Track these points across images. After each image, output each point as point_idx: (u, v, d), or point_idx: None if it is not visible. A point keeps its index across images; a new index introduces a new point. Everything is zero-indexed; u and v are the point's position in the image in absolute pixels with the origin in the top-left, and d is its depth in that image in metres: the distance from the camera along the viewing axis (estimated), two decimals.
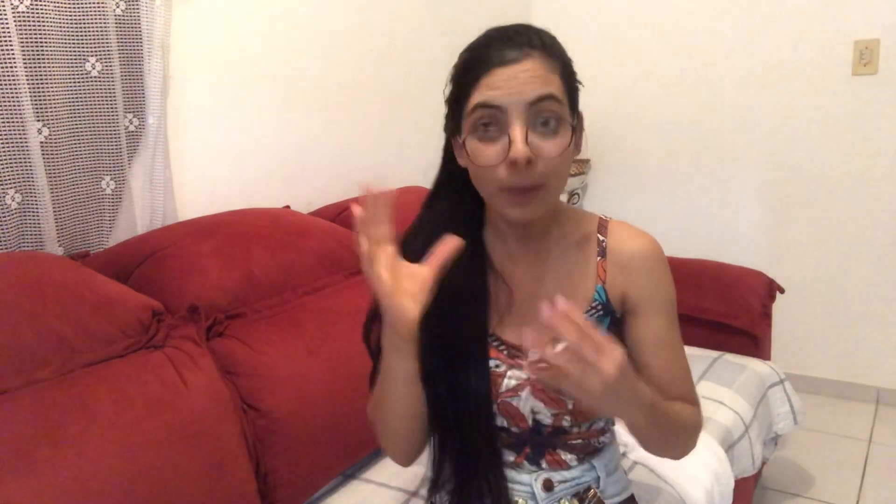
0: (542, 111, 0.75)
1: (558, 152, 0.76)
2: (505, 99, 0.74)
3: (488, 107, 0.75)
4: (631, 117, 2.87)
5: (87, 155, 1.40)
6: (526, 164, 0.73)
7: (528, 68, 0.75)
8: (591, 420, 0.90)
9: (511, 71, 0.75)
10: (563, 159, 0.77)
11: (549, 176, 0.76)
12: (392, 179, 2.21)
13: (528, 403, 0.86)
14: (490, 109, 0.75)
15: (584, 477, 0.91)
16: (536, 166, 0.75)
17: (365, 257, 0.72)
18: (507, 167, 0.75)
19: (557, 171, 0.77)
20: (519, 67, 0.75)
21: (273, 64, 1.86)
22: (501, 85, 0.75)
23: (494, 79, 0.75)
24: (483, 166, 0.77)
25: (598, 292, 0.87)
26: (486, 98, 0.75)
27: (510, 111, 0.74)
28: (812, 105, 2.50)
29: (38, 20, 1.26)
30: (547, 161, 0.75)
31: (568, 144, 0.77)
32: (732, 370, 1.74)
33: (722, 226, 2.75)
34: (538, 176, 0.75)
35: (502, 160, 0.75)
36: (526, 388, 0.86)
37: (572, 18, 2.91)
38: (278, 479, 1.22)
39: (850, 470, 2.11)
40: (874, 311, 2.51)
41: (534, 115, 0.75)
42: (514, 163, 0.73)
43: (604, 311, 0.88)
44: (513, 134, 0.74)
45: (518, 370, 0.86)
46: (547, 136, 0.75)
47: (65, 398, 1.00)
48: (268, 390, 1.23)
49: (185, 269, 1.33)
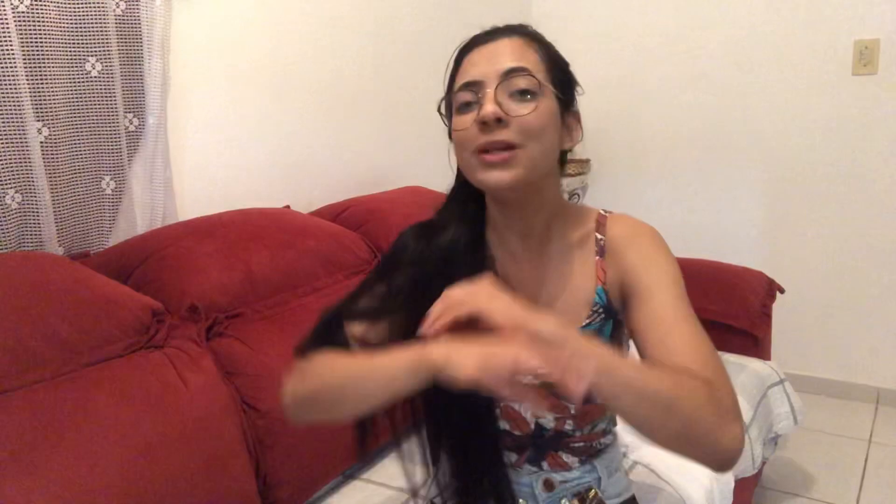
0: (518, 83, 0.77)
1: (529, 111, 0.77)
2: (480, 73, 0.78)
3: (469, 84, 0.79)
4: (631, 117, 2.87)
5: (87, 155, 1.40)
6: (496, 122, 0.76)
7: (503, 43, 0.80)
8: (594, 423, 0.90)
9: (489, 47, 0.80)
10: (537, 121, 0.77)
11: (523, 137, 0.77)
12: (392, 179, 2.21)
13: (530, 408, 0.86)
14: (471, 87, 0.79)
15: (585, 477, 0.91)
16: (509, 126, 0.76)
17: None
18: (479, 128, 0.77)
19: (532, 134, 0.77)
20: (496, 44, 0.80)
21: (273, 64, 1.86)
22: (479, 59, 0.80)
23: (472, 57, 0.81)
24: (458, 130, 0.80)
25: (599, 294, 0.86)
26: (466, 77, 0.80)
27: (485, 83, 0.78)
28: (812, 105, 2.50)
29: (38, 20, 1.26)
30: (519, 120, 0.76)
31: (551, 111, 0.78)
32: (732, 370, 1.74)
33: (722, 225, 2.75)
34: (510, 135, 0.76)
35: (475, 121, 0.77)
36: None
37: (572, 18, 2.91)
38: (278, 479, 1.22)
39: (850, 470, 2.11)
40: (874, 311, 2.51)
41: (509, 87, 0.77)
42: (484, 121, 0.76)
43: (605, 315, 0.86)
44: (483, 97, 0.77)
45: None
46: (520, 100, 0.77)
47: (65, 398, 1.00)
48: (268, 390, 1.23)
49: (185, 269, 1.33)
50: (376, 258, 1.67)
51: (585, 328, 0.85)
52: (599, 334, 0.86)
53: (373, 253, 1.68)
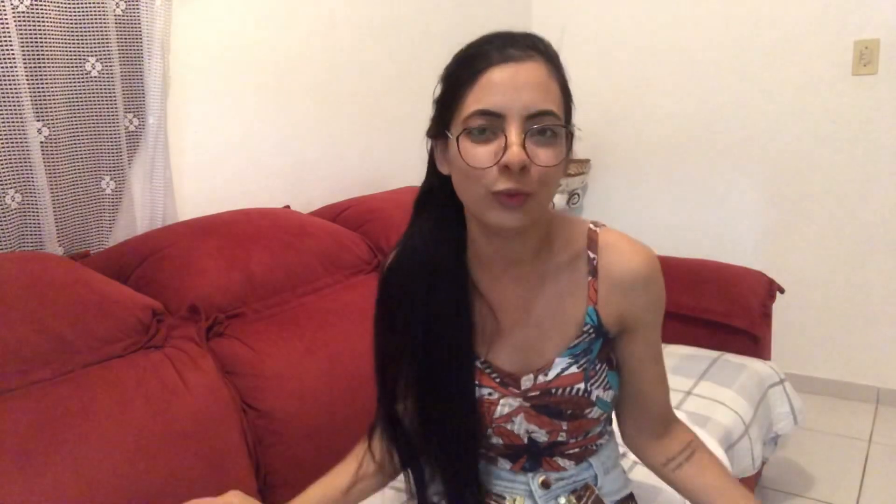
0: (541, 121, 0.72)
1: (554, 161, 0.73)
2: (503, 107, 0.72)
3: (488, 113, 0.72)
4: (631, 118, 2.87)
5: (87, 155, 1.40)
6: (520, 170, 0.71)
7: (529, 70, 0.72)
8: (586, 432, 0.90)
9: (512, 70, 0.72)
10: (556, 170, 0.74)
11: (539, 185, 0.73)
12: (391, 179, 2.21)
13: (522, 426, 0.86)
14: (489, 116, 0.72)
15: (581, 475, 0.91)
16: (530, 172, 0.72)
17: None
18: (499, 170, 0.72)
19: (547, 181, 0.74)
20: (520, 67, 0.72)
21: (273, 64, 1.87)
22: (501, 85, 0.72)
23: (494, 77, 0.72)
24: (475, 167, 0.73)
25: (590, 315, 0.84)
26: (484, 106, 0.72)
27: (507, 118, 0.72)
28: (812, 105, 2.50)
29: (38, 20, 1.26)
30: (540, 169, 0.72)
31: (564, 155, 0.75)
32: (732, 370, 1.74)
33: (722, 225, 2.75)
34: (529, 183, 0.72)
35: (495, 162, 0.71)
36: (520, 414, 0.85)
37: (573, 19, 2.91)
38: (278, 479, 1.22)
39: (850, 470, 2.11)
40: (874, 310, 2.51)
41: (531, 124, 0.72)
42: (509, 167, 0.71)
43: (596, 334, 0.85)
44: (510, 137, 0.71)
45: (511, 398, 0.85)
46: (542, 144, 0.73)
47: (65, 398, 1.00)
48: (268, 390, 1.23)
49: (185, 269, 1.33)
50: (376, 258, 1.67)
51: (574, 347, 0.84)
52: (587, 353, 0.85)
53: (373, 253, 1.68)
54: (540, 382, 0.84)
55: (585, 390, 0.84)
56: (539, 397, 0.84)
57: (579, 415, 0.85)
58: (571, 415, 0.85)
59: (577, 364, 0.84)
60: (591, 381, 0.84)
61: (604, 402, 0.86)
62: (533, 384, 0.85)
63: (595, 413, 0.86)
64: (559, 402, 0.84)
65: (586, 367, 0.84)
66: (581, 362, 0.84)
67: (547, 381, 0.84)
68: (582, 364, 0.84)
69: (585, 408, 0.85)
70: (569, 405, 0.84)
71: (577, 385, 0.84)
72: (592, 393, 0.84)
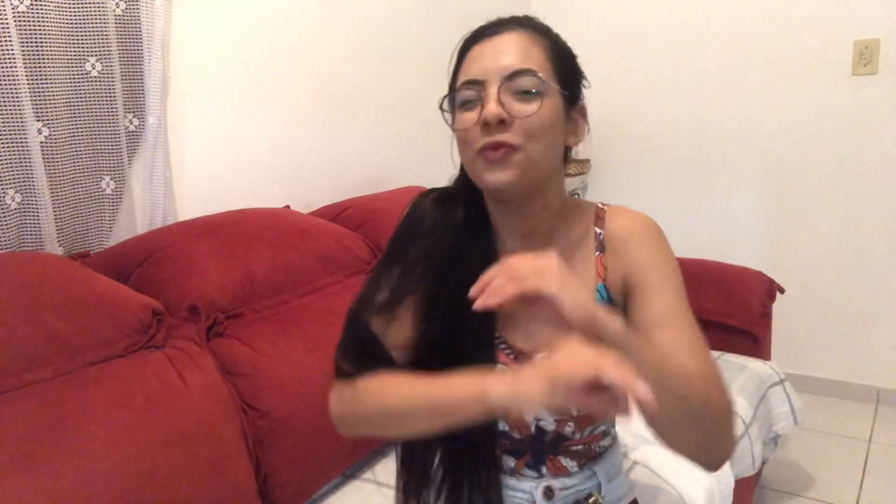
0: (522, 83, 0.77)
1: (531, 112, 0.76)
2: (482, 73, 0.78)
3: (471, 82, 0.78)
4: (631, 117, 2.87)
5: (87, 155, 1.40)
6: (497, 123, 0.76)
7: (507, 39, 0.79)
8: (593, 426, 0.90)
9: (492, 41, 0.79)
10: (539, 122, 0.77)
11: (524, 138, 0.76)
12: (392, 179, 2.21)
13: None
14: (473, 85, 0.78)
15: (585, 484, 0.91)
16: (511, 126, 0.76)
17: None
18: (482, 129, 0.77)
19: (534, 134, 0.77)
20: (500, 38, 0.79)
21: (273, 64, 1.86)
22: (482, 55, 0.79)
23: (475, 51, 0.80)
24: (461, 129, 0.79)
25: (599, 291, 0.86)
26: (467, 76, 0.79)
27: (487, 82, 0.77)
28: (812, 105, 2.50)
29: (38, 20, 1.26)
30: (522, 121, 0.76)
31: (541, 108, 0.77)
32: (732, 370, 1.74)
33: (722, 226, 2.75)
34: (512, 136, 0.76)
35: (477, 122, 0.77)
36: None
37: (572, 18, 2.91)
38: (278, 479, 1.22)
39: (850, 470, 2.11)
40: (874, 310, 2.51)
41: (513, 86, 0.77)
42: (486, 122, 0.75)
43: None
44: (486, 97, 0.77)
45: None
46: (524, 100, 0.77)
47: (65, 398, 1.00)
48: (268, 390, 1.23)
49: (185, 269, 1.33)
50: (376, 258, 1.67)
51: None
52: None
53: (373, 253, 1.68)
54: None
55: None
56: None
57: None
58: None
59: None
60: None
61: None
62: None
63: None
64: None
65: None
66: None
67: None
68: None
69: None
70: None
71: None
72: None
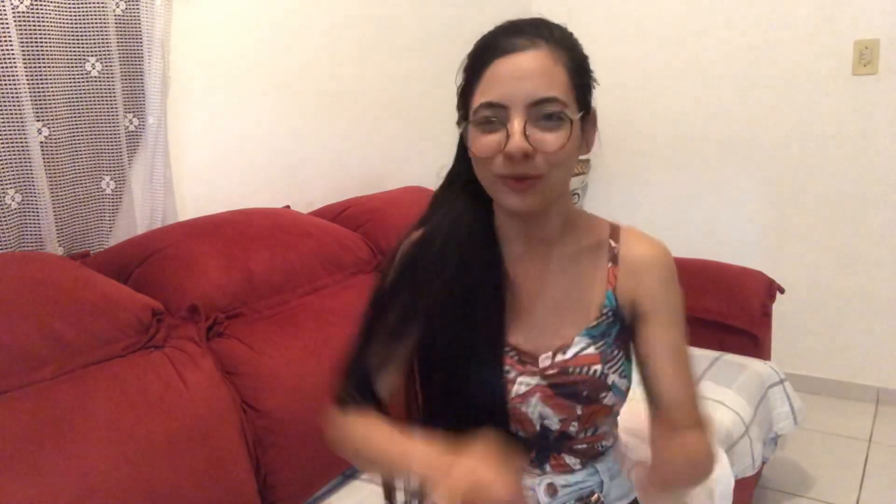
0: (546, 109, 0.75)
1: (558, 146, 0.75)
2: (506, 98, 0.75)
3: (492, 105, 0.76)
4: (631, 117, 2.87)
5: (87, 155, 1.40)
6: (522, 157, 0.74)
7: (531, 59, 0.76)
8: (597, 425, 0.90)
9: (514, 60, 0.76)
10: (564, 153, 0.77)
11: (548, 167, 0.76)
12: (391, 179, 2.21)
13: (536, 409, 0.86)
14: (493, 107, 0.76)
15: (587, 481, 0.91)
16: (534, 158, 0.75)
17: None
18: (503, 159, 0.76)
19: (557, 163, 0.77)
20: (523, 57, 0.76)
21: (273, 64, 1.86)
22: (504, 76, 0.76)
23: (498, 69, 0.76)
24: (480, 157, 0.78)
25: (609, 298, 0.87)
26: (488, 98, 0.76)
27: (510, 109, 0.75)
28: (812, 105, 2.49)
29: (38, 20, 1.26)
30: (546, 154, 0.75)
31: (567, 139, 0.76)
32: (732, 370, 1.74)
33: (722, 226, 2.74)
34: (536, 167, 0.76)
35: (499, 151, 0.76)
36: (536, 394, 0.85)
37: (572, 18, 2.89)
38: (278, 479, 1.22)
39: (850, 470, 2.11)
40: (874, 310, 2.50)
41: (536, 113, 0.75)
42: (511, 155, 0.74)
43: (614, 318, 0.87)
44: (511, 127, 0.75)
45: (528, 376, 0.85)
46: (548, 129, 0.76)
47: (65, 398, 1.00)
48: (268, 390, 1.23)
49: (185, 269, 1.33)
50: (376, 258, 1.67)
51: (592, 329, 0.86)
52: (605, 336, 0.86)
53: (373, 253, 1.68)
54: (558, 361, 0.85)
55: (602, 373, 0.84)
56: (556, 376, 0.84)
57: (594, 398, 0.85)
58: (587, 398, 0.84)
59: (594, 345, 0.85)
60: (608, 364, 0.85)
61: (619, 389, 0.86)
62: (551, 362, 0.85)
63: (610, 399, 0.85)
64: (576, 381, 0.84)
65: (604, 349, 0.85)
66: (599, 344, 0.85)
67: (565, 359, 0.85)
68: (600, 346, 0.85)
69: (601, 391, 0.85)
70: (585, 386, 0.84)
71: (595, 366, 0.84)
72: (609, 377, 0.84)
